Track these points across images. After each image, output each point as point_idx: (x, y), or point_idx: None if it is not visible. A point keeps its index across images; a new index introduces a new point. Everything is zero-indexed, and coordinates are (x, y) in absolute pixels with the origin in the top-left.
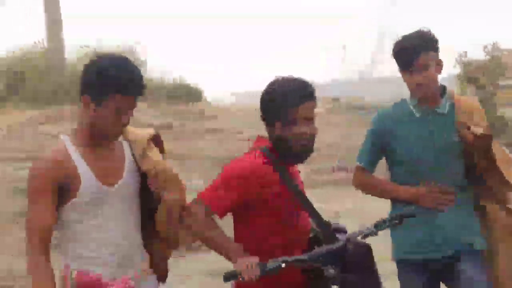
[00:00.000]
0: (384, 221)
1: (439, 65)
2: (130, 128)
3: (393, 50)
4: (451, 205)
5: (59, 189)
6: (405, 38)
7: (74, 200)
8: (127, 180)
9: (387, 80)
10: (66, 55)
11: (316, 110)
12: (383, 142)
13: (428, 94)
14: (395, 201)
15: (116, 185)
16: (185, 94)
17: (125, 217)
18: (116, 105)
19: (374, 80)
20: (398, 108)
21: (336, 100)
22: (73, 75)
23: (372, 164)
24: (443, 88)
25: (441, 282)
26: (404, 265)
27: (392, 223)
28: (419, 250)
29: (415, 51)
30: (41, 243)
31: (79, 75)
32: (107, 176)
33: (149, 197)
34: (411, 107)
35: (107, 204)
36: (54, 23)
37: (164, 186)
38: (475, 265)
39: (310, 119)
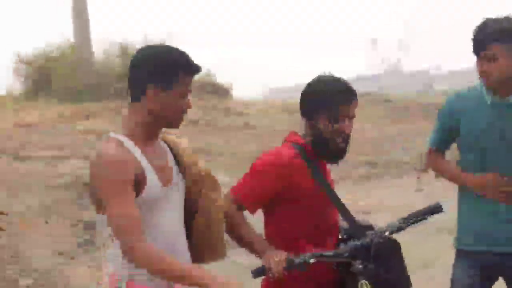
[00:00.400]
0: (411, 216)
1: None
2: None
3: (473, 32)
4: None
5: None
6: (484, 23)
7: (137, 199)
8: (176, 181)
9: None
10: (94, 50)
11: None
12: (452, 124)
13: (493, 85)
14: (463, 188)
15: (169, 185)
16: (212, 91)
17: (178, 221)
18: (184, 85)
19: (403, 74)
20: (472, 92)
21: (363, 96)
22: (102, 71)
23: (443, 144)
24: None
25: (500, 277)
26: (462, 254)
27: (420, 218)
28: (480, 242)
29: (485, 41)
30: (143, 235)
31: (107, 70)
32: (163, 175)
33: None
34: (484, 93)
35: (165, 205)
36: (80, 17)
37: (206, 192)
38: None
39: (352, 118)
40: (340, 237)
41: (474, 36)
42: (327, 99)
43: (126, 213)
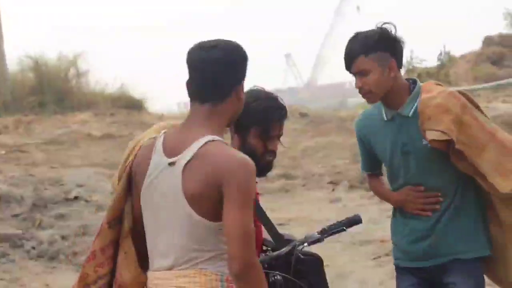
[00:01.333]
0: (330, 227)
1: (389, 67)
2: None
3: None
4: (435, 209)
5: None
6: (349, 41)
7: None
8: None
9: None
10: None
11: None
12: (366, 146)
13: (372, 100)
14: (393, 207)
15: None
16: (126, 105)
17: None
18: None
19: (319, 87)
20: (375, 109)
21: None
22: (15, 86)
23: (373, 167)
24: (412, 85)
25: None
26: (397, 268)
27: (338, 229)
28: (408, 257)
29: (350, 56)
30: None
31: (21, 86)
32: None
33: None
34: (382, 110)
35: None
36: None
37: None
38: (463, 277)
39: (281, 136)
40: (264, 248)
41: (344, 54)
42: (261, 116)
43: (252, 227)
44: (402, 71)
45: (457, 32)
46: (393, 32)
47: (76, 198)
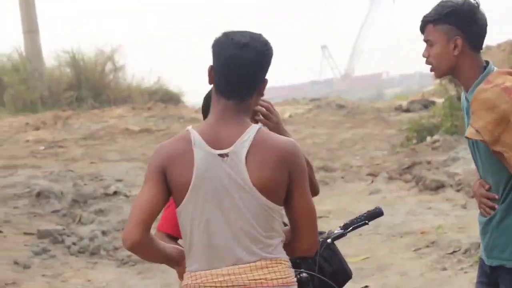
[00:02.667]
0: (352, 222)
1: (453, 42)
2: None
3: None
4: (489, 214)
5: None
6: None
7: None
8: None
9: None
10: (45, 60)
11: (296, 111)
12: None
13: (436, 74)
14: None
15: None
16: (163, 98)
17: None
18: None
19: (355, 78)
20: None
21: (314, 100)
22: (52, 81)
23: None
24: (484, 67)
25: None
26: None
27: (360, 224)
28: (481, 248)
29: (423, 21)
30: None
31: (59, 81)
32: None
33: None
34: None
35: None
36: (30, 27)
37: None
38: None
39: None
40: None
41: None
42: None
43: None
44: None
45: (493, 19)
46: (473, 10)
47: (115, 193)
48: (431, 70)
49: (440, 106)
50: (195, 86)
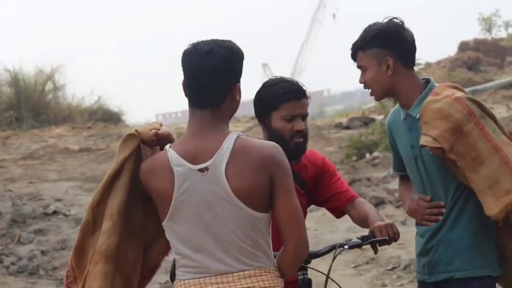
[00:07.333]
0: (370, 236)
1: (385, 63)
2: None
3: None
4: (437, 220)
5: None
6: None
7: None
8: None
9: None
10: None
11: (236, 129)
12: (393, 143)
13: (375, 97)
14: None
15: None
16: (103, 118)
17: None
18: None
19: None
20: (396, 109)
21: (255, 119)
22: None
23: (402, 168)
24: (425, 85)
25: None
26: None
27: (381, 239)
28: (418, 270)
29: (352, 50)
30: None
31: None
32: None
33: None
34: (400, 108)
35: None
36: None
37: None
38: None
39: (305, 117)
40: None
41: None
42: (275, 99)
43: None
44: None
45: (432, 37)
46: (398, 28)
47: (54, 212)
48: (371, 94)
49: (379, 123)
50: (136, 105)
